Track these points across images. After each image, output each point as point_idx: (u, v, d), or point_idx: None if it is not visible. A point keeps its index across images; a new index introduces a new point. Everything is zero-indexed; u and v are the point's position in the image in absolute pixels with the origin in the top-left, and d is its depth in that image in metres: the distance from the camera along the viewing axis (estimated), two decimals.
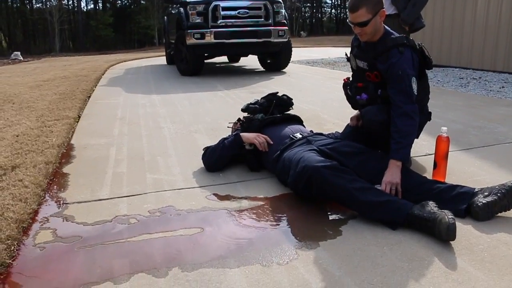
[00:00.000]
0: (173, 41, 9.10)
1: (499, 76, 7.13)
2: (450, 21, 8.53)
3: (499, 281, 1.51)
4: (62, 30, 43.43)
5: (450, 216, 1.74)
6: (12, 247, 1.82)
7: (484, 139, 3.32)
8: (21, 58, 19.07)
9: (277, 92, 3.03)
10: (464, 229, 1.88)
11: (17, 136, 3.58)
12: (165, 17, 10.84)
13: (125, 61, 13.35)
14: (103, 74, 9.06)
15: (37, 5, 50.52)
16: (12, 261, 1.74)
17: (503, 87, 6.09)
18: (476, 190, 2.05)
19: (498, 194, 1.95)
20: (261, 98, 3.00)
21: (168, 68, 9.80)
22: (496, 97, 5.37)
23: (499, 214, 1.98)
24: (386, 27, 2.46)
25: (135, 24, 48.04)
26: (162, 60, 12.11)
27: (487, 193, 1.99)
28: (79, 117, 4.53)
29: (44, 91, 6.46)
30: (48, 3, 44.07)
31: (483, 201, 1.95)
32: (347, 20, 2.39)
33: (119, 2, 56.27)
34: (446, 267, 1.60)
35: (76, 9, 50.54)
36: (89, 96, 5.97)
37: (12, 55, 19.81)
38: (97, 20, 47.63)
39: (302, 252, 1.74)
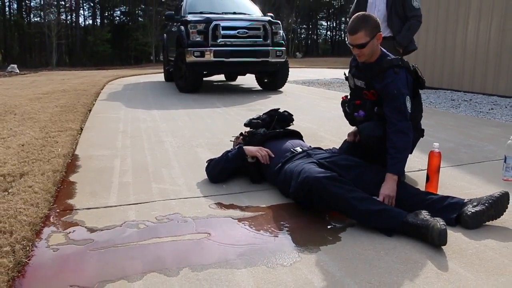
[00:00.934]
0: (172, 59, 9.26)
1: (489, 99, 7.35)
2: (442, 46, 8.79)
3: (486, 280, 1.64)
4: (59, 44, 43.71)
5: (441, 223, 1.87)
6: (27, 248, 1.91)
7: (474, 157, 3.47)
8: (18, 71, 19.17)
9: (279, 108, 3.17)
10: (455, 236, 2.01)
11: (22, 145, 3.68)
12: (165, 34, 11.02)
13: (123, 77, 13.47)
14: (102, 89, 9.17)
15: (35, 19, 50.98)
16: (28, 260, 1.83)
17: (492, 109, 6.30)
18: (465, 200, 2.19)
19: (486, 204, 2.09)
20: (263, 114, 3.14)
21: (166, 85, 9.94)
22: (486, 118, 5.56)
23: (487, 223, 2.12)
24: (382, 49, 2.62)
25: (133, 41, 48.45)
26: (160, 77, 12.26)
27: (475, 203, 2.13)
28: (82, 129, 4.63)
29: (45, 103, 6.56)
30: (47, 17, 44.41)
31: (472, 211, 2.08)
32: (347, 42, 2.55)
33: (117, 18, 56.86)
34: (438, 269, 1.73)
35: (74, 24, 50.94)
36: (90, 110, 6.08)
37: (9, 67, 19.91)
38: (95, 35, 48.03)
39: (304, 255, 1.85)
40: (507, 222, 2.17)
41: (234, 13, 8.64)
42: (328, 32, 65.94)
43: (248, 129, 3.08)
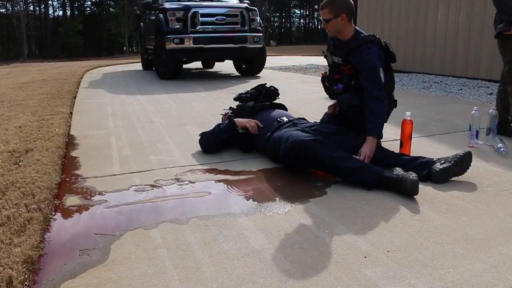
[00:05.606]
0: (150, 47, 9.37)
1: (458, 80, 7.76)
2: (413, 31, 9.16)
3: (451, 219, 1.95)
4: (29, 36, 42.76)
5: (413, 175, 2.17)
6: (50, 207, 2.13)
7: (443, 129, 3.80)
8: None
9: (265, 84, 3.43)
10: (425, 189, 2.31)
11: (20, 127, 3.84)
12: (141, 23, 11.09)
13: (99, 66, 13.47)
14: (81, 78, 9.24)
15: (1, 10, 49.58)
16: (54, 216, 2.05)
17: (461, 89, 6.69)
18: (434, 159, 2.49)
19: (452, 162, 2.40)
20: (251, 89, 3.39)
21: (146, 73, 10.06)
22: (455, 97, 5.94)
23: (453, 178, 2.43)
24: (356, 28, 2.89)
25: (105, 32, 47.80)
26: (137, 66, 12.32)
27: (443, 161, 2.44)
28: (71, 113, 4.79)
29: (29, 91, 6.65)
30: (15, 7, 43.33)
31: (441, 167, 2.39)
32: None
33: (88, 9, 55.91)
34: (411, 212, 2.02)
35: (43, 16, 49.85)
36: (75, 96, 6.20)
37: None
38: (66, 27, 47.16)
39: (296, 206, 2.13)
40: (470, 178, 2.49)
41: (211, 0, 8.80)
42: (302, 20, 66.44)
43: (237, 103, 3.32)
